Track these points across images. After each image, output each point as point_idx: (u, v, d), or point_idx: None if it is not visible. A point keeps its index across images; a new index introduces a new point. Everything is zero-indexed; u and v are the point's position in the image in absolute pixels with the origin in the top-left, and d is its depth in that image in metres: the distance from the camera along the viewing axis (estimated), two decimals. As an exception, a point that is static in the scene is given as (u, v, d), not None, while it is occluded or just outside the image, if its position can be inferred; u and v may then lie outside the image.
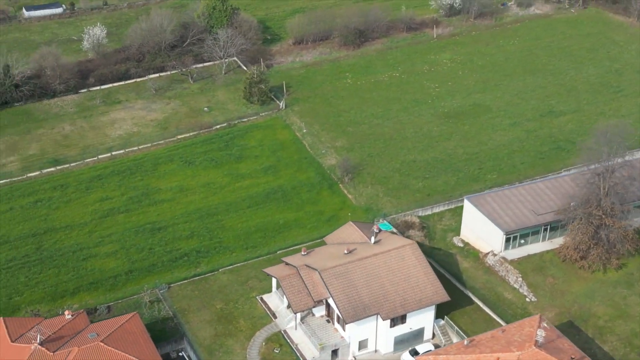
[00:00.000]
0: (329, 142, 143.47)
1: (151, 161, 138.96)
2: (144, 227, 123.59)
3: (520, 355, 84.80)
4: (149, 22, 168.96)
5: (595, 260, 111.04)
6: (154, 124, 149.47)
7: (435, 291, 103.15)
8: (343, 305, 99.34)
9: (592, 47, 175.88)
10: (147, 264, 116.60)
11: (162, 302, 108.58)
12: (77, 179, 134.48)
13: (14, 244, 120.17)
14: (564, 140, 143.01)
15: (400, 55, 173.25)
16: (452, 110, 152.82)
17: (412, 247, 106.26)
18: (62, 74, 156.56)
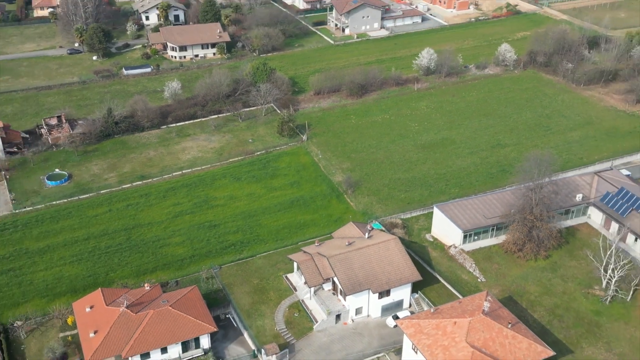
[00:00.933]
0: (337, 165, 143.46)
1: (210, 177, 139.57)
2: (204, 224, 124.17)
3: (470, 320, 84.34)
4: (211, 79, 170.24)
5: (529, 252, 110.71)
6: (212, 151, 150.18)
7: (411, 272, 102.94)
8: (344, 282, 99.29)
9: (529, 98, 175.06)
10: (204, 251, 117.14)
11: (215, 278, 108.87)
12: (157, 190, 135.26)
13: (111, 235, 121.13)
14: (508, 165, 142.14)
15: (390, 103, 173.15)
16: (426, 143, 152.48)
17: (395, 241, 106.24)
18: (149, 115, 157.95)
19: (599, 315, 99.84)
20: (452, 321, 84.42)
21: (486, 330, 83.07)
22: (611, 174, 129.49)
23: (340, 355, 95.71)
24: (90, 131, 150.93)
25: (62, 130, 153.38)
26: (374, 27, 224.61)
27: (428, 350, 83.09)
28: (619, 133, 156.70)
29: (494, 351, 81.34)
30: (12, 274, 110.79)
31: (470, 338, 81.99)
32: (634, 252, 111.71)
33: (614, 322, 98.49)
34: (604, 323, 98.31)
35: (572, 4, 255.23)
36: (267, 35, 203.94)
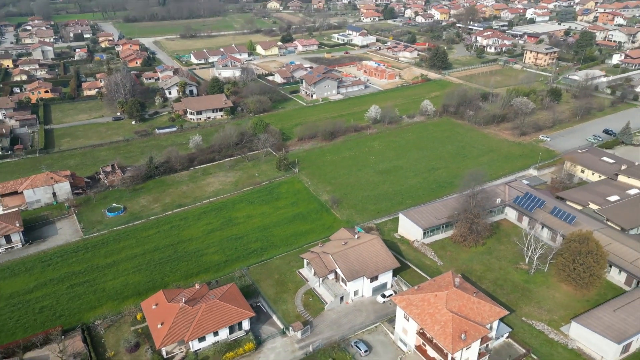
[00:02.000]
0: (322, 188, 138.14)
1: (231, 203, 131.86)
2: (230, 237, 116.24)
3: (447, 292, 79.69)
4: (224, 132, 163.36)
5: (471, 241, 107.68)
6: (230, 184, 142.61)
7: (392, 261, 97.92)
8: (345, 272, 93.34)
9: (448, 136, 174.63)
10: (234, 256, 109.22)
11: (245, 277, 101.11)
12: (192, 214, 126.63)
13: (161, 250, 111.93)
14: (442, 182, 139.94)
15: (353, 144, 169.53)
16: (383, 170, 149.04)
17: (378, 239, 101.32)
18: (180, 160, 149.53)
19: (528, 283, 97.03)
20: (433, 294, 79.78)
21: (459, 299, 78.69)
22: (516, 184, 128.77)
23: (347, 326, 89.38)
24: (137, 174, 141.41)
25: (116, 175, 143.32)
26: (332, 93, 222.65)
27: (419, 317, 77.98)
28: (513, 156, 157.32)
29: (467, 314, 76.91)
30: (88, 284, 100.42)
31: (448, 306, 77.39)
32: (542, 237, 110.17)
33: (539, 287, 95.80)
34: (532, 288, 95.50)
35: (464, 73, 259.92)
36: (259, 100, 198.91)
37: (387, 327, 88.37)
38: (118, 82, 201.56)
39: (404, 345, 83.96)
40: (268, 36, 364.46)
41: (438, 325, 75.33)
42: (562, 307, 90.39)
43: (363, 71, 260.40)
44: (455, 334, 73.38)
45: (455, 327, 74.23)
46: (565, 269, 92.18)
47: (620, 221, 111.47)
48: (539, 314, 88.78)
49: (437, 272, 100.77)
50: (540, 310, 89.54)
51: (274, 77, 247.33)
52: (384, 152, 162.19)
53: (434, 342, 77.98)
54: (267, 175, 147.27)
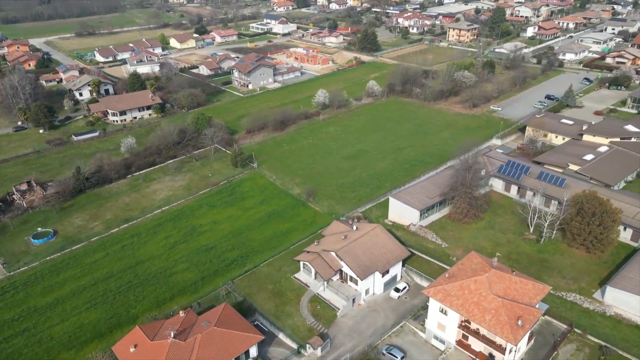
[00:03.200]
0: (290, 181, 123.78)
1: (188, 209, 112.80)
2: (200, 249, 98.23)
3: (487, 275, 70.30)
4: (161, 131, 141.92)
5: (471, 217, 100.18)
6: (181, 188, 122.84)
7: (402, 250, 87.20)
8: (356, 269, 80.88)
9: (402, 115, 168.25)
10: (211, 271, 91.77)
11: (233, 293, 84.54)
12: (145, 228, 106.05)
13: (117, 275, 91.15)
14: (413, 161, 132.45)
15: (307, 131, 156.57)
16: (348, 155, 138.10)
17: (380, 227, 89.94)
18: (114, 168, 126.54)
19: (542, 252, 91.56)
20: (472, 280, 70.02)
21: (501, 281, 69.75)
22: (493, 154, 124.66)
23: (369, 332, 77.06)
24: (64, 190, 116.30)
25: (35, 193, 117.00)
26: (269, 81, 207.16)
27: (463, 309, 67.81)
28: (471, 129, 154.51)
29: (514, 296, 68.21)
30: (28, 334, 77.58)
31: (493, 290, 68.10)
32: (534, 203, 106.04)
33: (554, 256, 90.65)
34: (548, 258, 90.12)
35: (395, 54, 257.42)
36: (192, 95, 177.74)
37: (414, 325, 77.45)
38: (15, 85, 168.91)
39: (440, 343, 73.59)
40: (179, 29, 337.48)
41: (488, 314, 65.76)
42: (585, 273, 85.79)
43: (294, 58, 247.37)
44: (512, 322, 64.33)
45: (509, 313, 65.19)
46: (582, 233, 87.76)
47: (603, 178, 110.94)
48: (566, 284, 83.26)
49: (445, 256, 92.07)
50: (565, 280, 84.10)
51: (199, 70, 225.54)
52: (342, 137, 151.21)
53: (482, 334, 68.45)
54: (223, 174, 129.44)
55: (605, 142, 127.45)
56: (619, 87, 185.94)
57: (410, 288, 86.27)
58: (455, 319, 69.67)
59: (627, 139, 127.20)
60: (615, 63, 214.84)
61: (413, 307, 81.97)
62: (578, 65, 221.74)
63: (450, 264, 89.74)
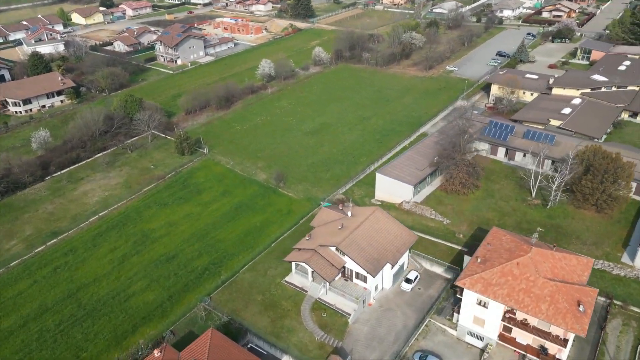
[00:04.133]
0: (252, 166, 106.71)
1: (134, 212, 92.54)
2: (158, 260, 79.59)
3: (530, 256, 59.77)
4: (82, 120, 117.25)
5: (470, 186, 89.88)
6: (119, 186, 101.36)
7: (409, 234, 74.83)
8: (365, 264, 67.37)
9: (356, 83, 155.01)
10: (179, 286, 73.87)
11: (214, 312, 67.80)
12: (81, 242, 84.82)
13: (54, 309, 70.49)
14: (383, 131, 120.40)
15: (258, 107, 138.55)
16: (311, 130, 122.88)
17: (379, 210, 76.63)
18: (28, 169, 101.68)
19: (552, 218, 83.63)
20: (513, 264, 59.28)
21: (546, 260, 59.72)
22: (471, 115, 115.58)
23: (391, 338, 64.52)
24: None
25: None
26: (200, 55, 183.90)
27: (511, 299, 56.95)
28: (433, 91, 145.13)
29: (563, 276, 58.54)
30: (-64, 412, 56.33)
31: (541, 272, 57.93)
32: (525, 165, 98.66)
33: (565, 221, 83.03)
34: (561, 224, 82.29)
35: (331, 19, 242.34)
36: (112, 74, 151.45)
37: (440, 322, 66.01)
38: None
39: (477, 340, 62.82)
40: (80, 4, 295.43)
41: (544, 303, 55.46)
42: (603, 235, 78.99)
43: (222, 29, 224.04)
44: (573, 308, 54.53)
45: (567, 298, 55.34)
46: (594, 193, 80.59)
47: (588, 131, 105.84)
48: (589, 250, 75.81)
49: (449, 234, 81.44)
50: (587, 246, 76.67)
51: (114, 47, 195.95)
52: (298, 110, 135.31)
53: (532, 326, 58.33)
54: (168, 164, 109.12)
55: (576, 94, 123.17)
56: (562, 40, 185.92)
57: (421, 276, 74.74)
58: (498, 312, 58.91)
59: (597, 89, 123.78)
60: (552, 17, 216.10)
61: (430, 299, 70.51)
62: (517, 21, 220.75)
63: (458, 243, 79.42)
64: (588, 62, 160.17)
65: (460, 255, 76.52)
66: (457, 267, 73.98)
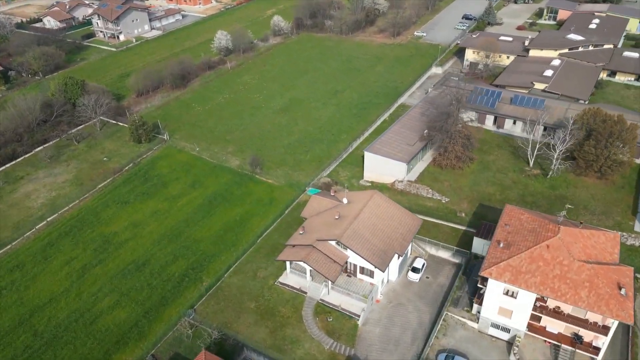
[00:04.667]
0: (222, 151, 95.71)
1: (90, 213, 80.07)
2: (127, 269, 68.54)
3: (559, 237, 53.90)
4: (14, 108, 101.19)
5: (466, 161, 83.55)
6: (69, 184, 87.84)
7: (413, 219, 67.67)
8: (372, 258, 59.77)
9: (322, 52, 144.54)
10: (155, 299, 63.54)
11: (202, 327, 58.33)
12: (28, 254, 72.04)
13: (3, 341, 58.64)
14: (360, 104, 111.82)
15: (218, 84, 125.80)
16: (281, 107, 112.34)
17: (377, 194, 68.86)
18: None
19: (555, 189, 78.88)
20: (542, 247, 53.20)
21: (576, 240, 54.07)
22: (452, 82, 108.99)
23: (407, 338, 57.76)
24: None
25: None
26: (145, 29, 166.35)
27: (545, 288, 51.01)
28: (404, 59, 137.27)
29: (596, 256, 53.20)
30: None
31: (574, 254, 52.24)
32: (515, 133, 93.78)
33: (568, 190, 78.53)
34: (565, 194, 77.70)
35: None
36: (45, 54, 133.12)
37: (458, 314, 59.81)
38: None
39: (502, 333, 57.10)
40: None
41: (582, 289, 49.90)
42: (610, 203, 75.10)
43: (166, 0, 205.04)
44: (614, 292, 49.31)
45: (606, 281, 50.03)
46: (599, 159, 76.17)
47: (574, 93, 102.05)
48: (599, 220, 71.66)
49: (451, 213, 75.14)
50: (597, 217, 72.51)
51: (44, 23, 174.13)
52: (264, 86, 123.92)
53: (566, 314, 52.99)
54: (123, 155, 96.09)
55: (554, 55, 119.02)
56: (526, 1, 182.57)
57: (427, 263, 68.14)
58: (529, 301, 53.04)
59: (574, 49, 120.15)
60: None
61: (442, 289, 64.20)
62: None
63: (461, 223, 73.30)
64: (555, 22, 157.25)
65: (467, 237, 70.50)
66: (465, 251, 67.95)
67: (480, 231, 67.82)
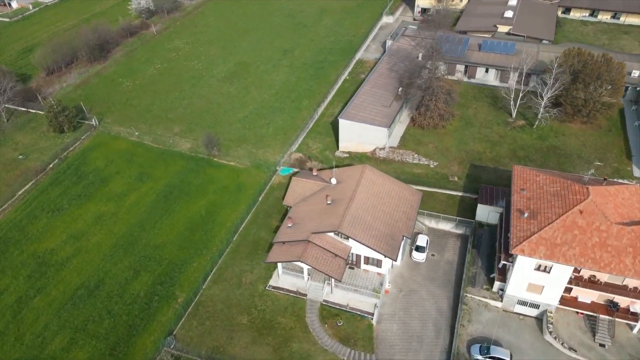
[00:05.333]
0: (167, 133, 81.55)
1: (13, 228, 64.58)
2: (77, 295, 55.72)
3: (591, 199, 48.37)
4: None
5: (449, 118, 76.43)
6: (-22, 194, 70.98)
7: (412, 192, 60.18)
8: (379, 246, 52.00)
9: (259, 8, 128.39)
10: (122, 330, 51.75)
11: (187, 357, 47.97)
12: (-61, 293, 56.56)
13: None
14: (316, 63, 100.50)
15: (145, 53, 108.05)
16: (227, 74, 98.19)
17: (369, 169, 60.51)
18: None
19: (543, 139, 73.97)
20: (575, 213, 47.28)
21: (606, 201, 48.65)
22: (411, 32, 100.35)
23: (431, 331, 51.18)
24: None
25: None
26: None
27: (587, 260, 45.47)
28: (351, 9, 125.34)
29: (627, 215, 48.23)
30: None
31: (610, 217, 46.96)
32: (488, 82, 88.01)
33: (557, 139, 73.92)
34: (556, 144, 73.04)
35: None
36: None
37: (478, 295, 53.78)
38: None
39: (531, 309, 51.82)
40: None
41: (627, 255, 44.88)
42: (603, 149, 71.51)
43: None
44: (660, 255, 44.87)
45: (649, 243, 45.44)
46: (587, 103, 71.74)
47: (538, 34, 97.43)
48: (597, 169, 67.61)
49: (443, 179, 68.34)
50: (593, 165, 68.52)
51: None
52: (201, 51, 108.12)
53: (602, 282, 48.26)
54: (43, 150, 79.16)
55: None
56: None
57: (429, 238, 61.26)
58: (565, 274, 47.59)
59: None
60: None
61: (451, 266, 57.86)
62: None
63: (456, 188, 66.87)
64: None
65: (466, 203, 64.41)
66: (469, 220, 61.72)
67: (483, 196, 61.70)
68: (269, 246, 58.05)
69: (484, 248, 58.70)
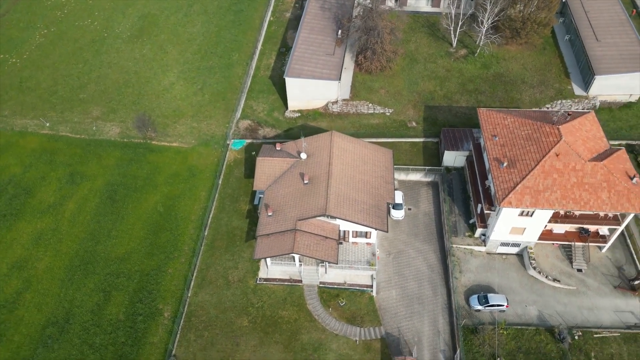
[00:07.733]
0: (86, 119, 70.80)
1: None
2: (46, 335, 50.38)
3: (564, 139, 50.27)
4: None
5: (399, 56, 74.28)
6: None
7: (384, 153, 59.59)
8: (371, 221, 51.45)
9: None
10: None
11: (197, 376, 45.65)
12: None
13: None
14: (228, 7, 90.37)
15: (22, 15, 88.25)
16: (133, 32, 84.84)
17: (336, 135, 58.11)
18: None
19: (488, 67, 73.99)
20: (551, 156, 48.63)
21: (576, 138, 50.50)
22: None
23: (428, 290, 53.03)
24: None
25: None
26: None
27: (568, 201, 47.95)
28: None
29: (594, 148, 50.99)
30: None
31: (583, 155, 49.11)
32: (420, 8, 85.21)
33: (500, 64, 74.46)
34: (500, 71, 73.49)
35: None
36: None
37: (463, 243, 55.76)
38: None
39: (512, 248, 54.91)
40: None
41: (602, 191, 47.67)
42: (542, 70, 72.95)
43: None
44: (629, 183, 48.27)
45: (619, 175, 48.48)
46: (526, 24, 71.97)
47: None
48: (541, 93, 69.77)
49: (402, 126, 67.48)
50: (538, 89, 70.33)
51: None
52: (91, 5, 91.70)
53: (577, 215, 51.76)
54: None
55: None
56: None
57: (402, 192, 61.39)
58: (546, 216, 50.23)
59: None
60: None
61: (430, 218, 59.04)
62: None
63: (416, 134, 66.76)
64: None
65: (429, 149, 64.85)
66: (438, 168, 62.26)
67: (447, 141, 61.92)
68: (248, 237, 54.78)
69: (456, 194, 60.08)
